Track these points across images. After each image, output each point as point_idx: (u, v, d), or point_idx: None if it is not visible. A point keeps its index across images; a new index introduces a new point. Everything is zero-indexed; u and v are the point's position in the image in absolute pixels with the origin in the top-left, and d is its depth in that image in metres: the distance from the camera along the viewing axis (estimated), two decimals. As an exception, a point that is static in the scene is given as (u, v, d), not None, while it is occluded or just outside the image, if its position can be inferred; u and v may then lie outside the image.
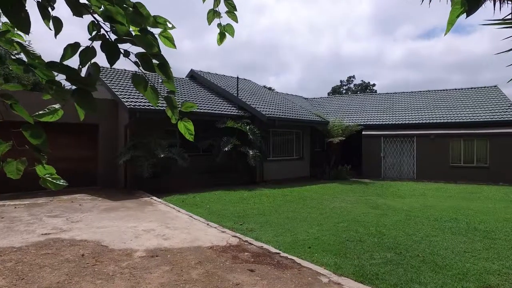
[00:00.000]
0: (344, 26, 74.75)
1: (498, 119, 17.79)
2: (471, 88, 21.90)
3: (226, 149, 13.40)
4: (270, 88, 32.71)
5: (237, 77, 16.58)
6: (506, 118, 17.74)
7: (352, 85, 42.37)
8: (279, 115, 16.07)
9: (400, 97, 22.89)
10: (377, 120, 20.08)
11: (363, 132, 18.90)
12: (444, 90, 22.51)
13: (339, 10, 73.90)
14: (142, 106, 12.19)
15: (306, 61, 74.62)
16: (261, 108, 15.99)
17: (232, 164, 14.30)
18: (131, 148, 11.93)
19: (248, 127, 14.42)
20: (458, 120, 18.20)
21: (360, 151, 19.16)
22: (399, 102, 22.03)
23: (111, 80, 13.88)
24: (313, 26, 75.15)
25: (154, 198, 10.32)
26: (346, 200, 10.77)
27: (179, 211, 8.43)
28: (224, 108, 15.53)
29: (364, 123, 19.55)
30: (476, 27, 70.85)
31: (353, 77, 42.66)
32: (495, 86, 21.65)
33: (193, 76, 19.74)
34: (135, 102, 12.28)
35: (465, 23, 70.15)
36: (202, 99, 15.81)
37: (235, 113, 15.33)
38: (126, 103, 11.82)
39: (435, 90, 22.72)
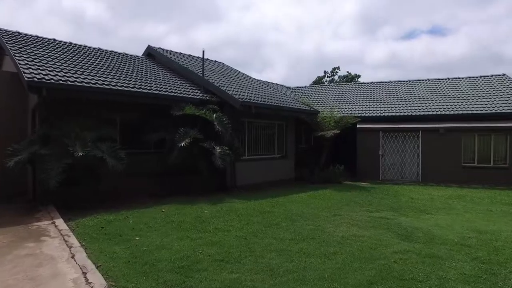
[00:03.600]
0: (329, 25, 73.43)
1: (517, 110, 14.89)
2: (480, 76, 19.01)
3: (182, 144, 9.63)
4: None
5: (203, 51, 12.82)
6: (527, 110, 14.87)
7: (336, 77, 39.27)
8: (257, 100, 12.43)
9: (398, 86, 19.72)
10: (374, 112, 16.79)
11: (358, 126, 15.56)
12: (446, 79, 19.54)
13: (324, 9, 72.48)
14: (56, 80, 8.23)
15: (290, 59, 72.90)
16: (233, 91, 12.29)
17: (192, 165, 10.55)
18: (35, 142, 7.98)
19: (215, 115, 10.71)
20: (472, 112, 15.16)
21: (354, 148, 15.82)
22: (397, 91, 18.84)
23: (18, 48, 9.75)
24: (299, 25, 73.21)
25: (57, 222, 6.45)
26: (354, 220, 7.29)
27: (73, 255, 4.64)
28: (184, 91, 11.72)
29: (359, 115, 16.21)
30: (452, 30, 70.89)
31: (338, 68, 39.56)
32: (504, 75, 18.89)
33: (151, 54, 15.76)
34: (45, 74, 8.31)
35: (442, 25, 69.77)
36: (155, 79, 11.94)
37: (198, 97, 11.56)
38: (25, 74, 7.82)
39: (436, 79, 19.72)
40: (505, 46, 63.03)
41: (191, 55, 16.93)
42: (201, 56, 13.18)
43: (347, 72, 39.76)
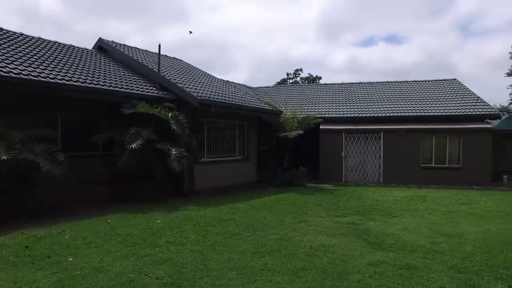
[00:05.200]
0: (293, 29, 74.34)
1: (470, 113, 15.45)
2: (434, 80, 19.66)
3: (133, 146, 8.65)
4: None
5: (159, 45, 11.86)
6: (478, 112, 15.48)
7: (299, 79, 39.39)
8: (217, 98, 11.69)
9: (359, 87, 19.85)
10: (337, 113, 16.66)
11: (321, 127, 15.31)
12: (404, 81, 20.01)
13: (288, 14, 73.37)
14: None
15: (254, 61, 73.09)
16: (192, 89, 11.45)
17: (146, 169, 9.58)
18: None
19: (171, 114, 9.82)
20: (430, 114, 15.51)
21: (317, 150, 15.56)
22: (359, 93, 18.93)
23: None
24: (264, 28, 73.41)
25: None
26: (321, 226, 6.79)
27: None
28: (137, 87, 10.70)
29: (322, 115, 15.98)
30: (406, 38, 75.07)
31: (301, 70, 39.77)
32: (455, 79, 19.69)
33: (102, 47, 14.45)
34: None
35: (398, 34, 73.62)
36: (105, 74, 10.79)
37: (153, 94, 10.60)
38: None
39: (395, 81, 20.12)
40: (450, 56, 67.96)
41: (147, 51, 15.81)
42: (156, 51, 12.21)
43: (309, 74, 40.13)
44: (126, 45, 15.17)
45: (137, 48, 15.53)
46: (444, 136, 14.77)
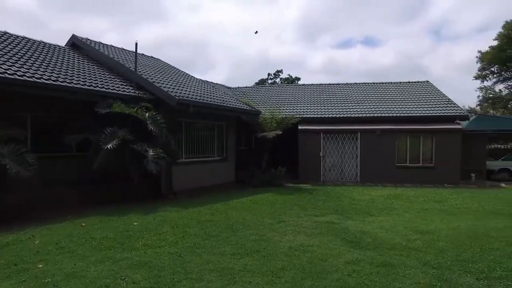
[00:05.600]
0: (273, 30, 75.08)
1: (442, 114, 16.03)
2: (408, 82, 20.24)
3: (109, 146, 8.40)
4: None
5: (136, 43, 11.59)
6: (449, 114, 16.09)
7: (278, 79, 39.64)
8: (195, 98, 11.56)
9: (337, 88, 20.16)
10: (315, 113, 16.86)
11: (299, 127, 15.44)
12: (380, 83, 20.50)
13: (269, 14, 73.90)
14: None
15: (234, 61, 72.98)
16: (169, 88, 11.27)
17: (122, 170, 9.34)
18: None
19: (148, 114, 9.62)
20: (404, 114, 15.95)
21: (296, 150, 15.67)
22: (337, 94, 19.22)
23: None
24: (244, 28, 73.55)
25: None
26: (300, 226, 6.83)
27: None
28: (113, 86, 10.42)
29: (301, 116, 16.11)
30: (382, 41, 77.25)
31: (281, 71, 40.03)
32: (427, 81, 20.36)
33: (76, 44, 13.97)
34: None
35: (374, 37, 75.75)
36: (79, 72, 10.44)
37: (129, 93, 10.36)
38: None
39: (372, 83, 20.58)
40: (423, 59, 70.50)
41: (124, 49, 15.44)
42: (137, 51, 11.94)
43: (289, 75, 40.49)
44: (102, 43, 14.75)
45: (113, 46, 15.13)
46: (418, 136, 15.23)
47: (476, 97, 39.37)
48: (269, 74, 40.67)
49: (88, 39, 14.18)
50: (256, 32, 20.07)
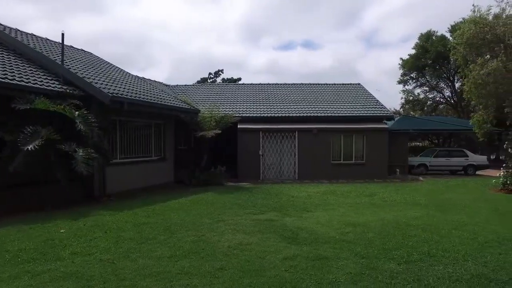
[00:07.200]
0: (216, 29, 74.20)
1: (371, 114, 17.30)
2: (341, 84, 21.47)
3: (30, 147, 7.61)
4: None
5: (62, 34, 10.62)
6: (377, 114, 17.42)
7: (219, 79, 39.37)
8: (130, 96, 11.00)
9: (276, 88, 20.65)
10: (255, 112, 17.10)
11: (239, 126, 15.53)
12: (317, 84, 21.45)
13: (212, 13, 72.83)
14: None
15: (175, 59, 70.70)
16: (102, 85, 10.57)
17: (49, 172, 8.52)
18: None
19: (77, 112, 8.91)
20: (339, 114, 16.89)
21: (235, 149, 15.73)
22: (276, 93, 19.68)
23: None
24: (186, 25, 71.56)
25: None
26: (239, 225, 6.85)
27: None
28: (35, 79, 9.46)
29: (240, 115, 16.20)
30: (320, 45, 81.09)
31: (222, 71, 39.78)
32: (359, 84, 21.81)
33: (-11, 33, 12.38)
34: None
35: (313, 41, 79.21)
36: (-7, 63, 9.29)
37: (55, 89, 9.50)
38: None
39: (309, 84, 21.44)
40: (356, 63, 75.61)
41: (48, 39, 14.07)
42: (66, 42, 10.95)
43: (231, 77, 40.47)
44: (19, 30, 13.21)
45: (34, 35, 13.65)
46: (351, 135, 16.23)
47: (400, 100, 43.14)
48: (209, 73, 40.28)
49: (2, 25, 12.63)
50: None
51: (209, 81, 39.36)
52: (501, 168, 12.77)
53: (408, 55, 35.11)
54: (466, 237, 6.07)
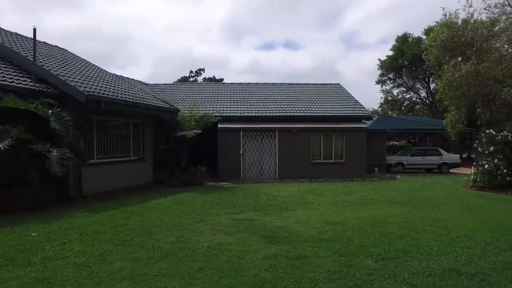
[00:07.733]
0: (198, 28, 73.62)
1: (350, 114, 17.57)
2: (321, 84, 21.71)
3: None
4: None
5: (34, 29, 10.23)
6: (356, 114, 17.71)
7: (200, 78, 39.05)
8: (108, 94, 10.75)
9: (257, 88, 20.66)
10: (235, 112, 17.06)
11: (219, 125, 15.46)
12: (297, 84, 21.61)
13: (194, 12, 72.03)
14: None
15: (156, 58, 69.50)
16: (77, 83, 10.27)
17: (20, 173, 8.21)
18: None
19: (51, 110, 8.62)
20: (319, 114, 17.08)
21: (216, 148, 15.65)
22: (256, 93, 19.69)
23: None
24: (168, 24, 70.37)
25: None
26: (219, 225, 6.81)
27: None
28: (3, 76, 9.07)
29: (221, 114, 16.12)
30: (301, 45, 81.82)
31: (203, 70, 39.42)
32: (338, 84, 22.11)
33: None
34: None
35: (294, 41, 79.84)
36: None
37: (26, 86, 9.16)
38: None
39: (289, 83, 21.57)
40: (337, 64, 76.81)
41: (19, 34, 13.49)
42: (39, 38, 10.55)
43: (213, 76, 40.24)
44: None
45: (2, 29, 13.03)
46: (330, 135, 16.45)
47: (379, 99, 44.13)
48: (190, 72, 39.88)
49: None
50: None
51: (190, 80, 38.96)
52: (472, 166, 13.27)
53: (386, 56, 35.99)
54: (439, 233, 6.26)
